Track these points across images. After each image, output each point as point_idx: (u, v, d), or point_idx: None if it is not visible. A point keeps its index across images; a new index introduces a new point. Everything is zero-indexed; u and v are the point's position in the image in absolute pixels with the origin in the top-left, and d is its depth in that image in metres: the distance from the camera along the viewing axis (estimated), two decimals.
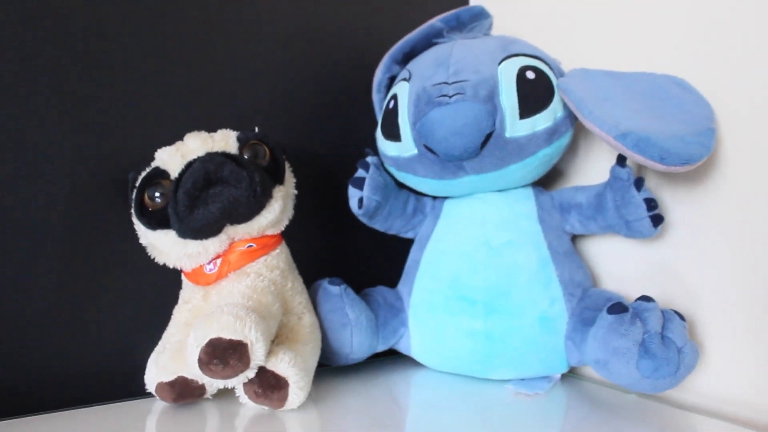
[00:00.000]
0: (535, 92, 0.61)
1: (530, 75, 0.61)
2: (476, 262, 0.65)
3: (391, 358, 0.77)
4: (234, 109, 0.72)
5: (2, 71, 0.59)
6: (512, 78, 0.60)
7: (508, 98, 0.60)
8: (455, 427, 0.53)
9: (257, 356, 0.51)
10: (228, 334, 0.49)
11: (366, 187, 0.68)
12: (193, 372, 0.51)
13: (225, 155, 0.58)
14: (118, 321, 0.65)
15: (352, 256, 0.82)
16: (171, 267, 0.61)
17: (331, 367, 0.68)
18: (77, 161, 0.63)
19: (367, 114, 0.79)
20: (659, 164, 0.53)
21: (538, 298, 0.63)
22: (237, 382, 0.53)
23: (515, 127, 0.61)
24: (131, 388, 0.63)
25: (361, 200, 0.69)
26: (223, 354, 0.49)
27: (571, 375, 0.71)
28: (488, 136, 0.60)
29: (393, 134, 0.66)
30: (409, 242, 0.76)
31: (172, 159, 0.59)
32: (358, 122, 0.81)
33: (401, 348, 0.71)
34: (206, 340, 0.49)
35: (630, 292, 0.66)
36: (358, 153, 0.78)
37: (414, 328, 0.69)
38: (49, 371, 0.61)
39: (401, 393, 0.65)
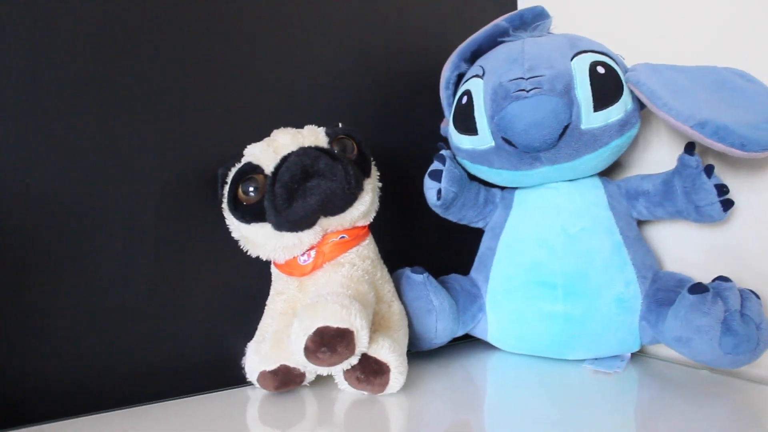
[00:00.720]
0: (606, 86, 0.62)
1: (601, 70, 0.62)
2: (555, 248, 0.66)
3: (465, 342, 0.78)
4: (309, 107, 0.73)
5: (90, 72, 0.60)
6: (585, 73, 0.61)
7: (583, 91, 0.61)
8: (535, 406, 0.54)
9: (362, 343, 0.52)
10: (335, 323, 0.49)
11: (444, 178, 0.68)
12: (297, 360, 0.52)
13: (319, 149, 0.58)
14: (209, 313, 0.66)
15: (421, 246, 0.82)
16: (264, 259, 0.62)
17: (410, 352, 0.67)
18: (165, 160, 0.64)
19: (429, 110, 0.80)
20: (739, 151, 0.55)
21: (614, 280, 0.64)
22: (340, 369, 0.54)
23: (590, 119, 0.62)
24: (222, 378, 0.64)
25: (439, 191, 0.69)
26: (331, 342, 0.49)
27: (640, 354, 0.72)
28: (565, 128, 0.61)
29: (468, 128, 0.67)
30: (473, 232, 0.78)
31: (264, 154, 0.59)
32: (422, 119, 0.82)
33: (477, 333, 0.72)
34: (314, 329, 0.49)
35: (694, 275, 0.67)
36: (423, 148, 0.78)
37: (491, 312, 0.70)
38: (145, 363, 0.61)
39: (479, 376, 0.66)
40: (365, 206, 0.62)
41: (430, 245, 0.83)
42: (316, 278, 0.60)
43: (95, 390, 0.59)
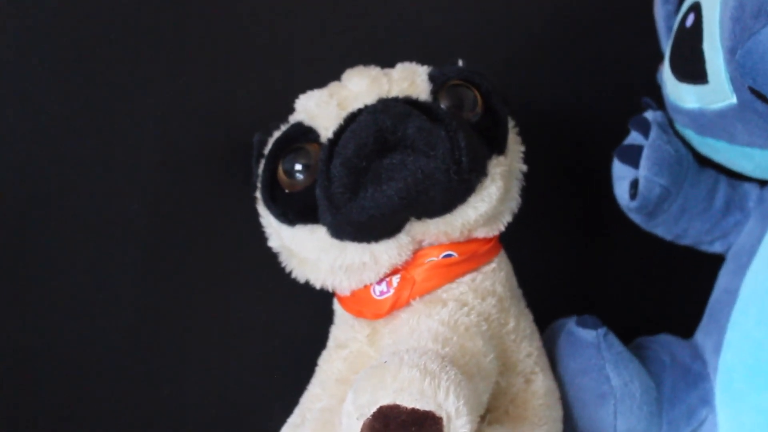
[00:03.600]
0: None
1: None
2: None
3: None
4: (415, 35, 0.72)
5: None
6: None
7: None
8: None
9: None
10: (410, 400, 0.46)
11: (645, 161, 0.65)
12: None
13: (409, 102, 0.55)
14: (226, 371, 0.67)
15: (604, 277, 0.80)
16: (319, 286, 0.59)
17: None
18: (169, 118, 0.64)
19: (633, 41, 0.76)
20: None
21: None
22: None
23: None
24: None
25: (635, 184, 0.65)
26: None
27: None
28: None
29: (692, 72, 0.62)
30: (700, 260, 0.72)
31: (323, 110, 0.57)
32: (616, 56, 0.78)
33: None
34: (375, 408, 0.46)
35: None
36: (611, 107, 0.74)
37: (727, 409, 0.64)
38: None
39: None
40: (489, 204, 0.57)
41: (613, 279, 0.81)
42: (397, 324, 0.57)
43: None
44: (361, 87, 0.57)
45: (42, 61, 0.61)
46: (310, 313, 0.65)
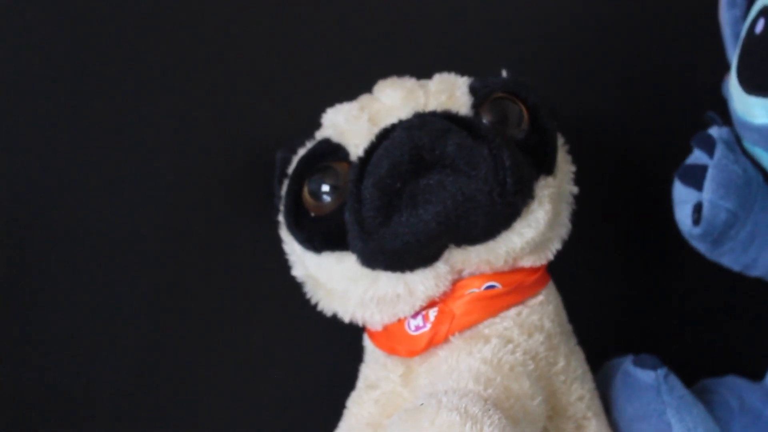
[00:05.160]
0: None
1: None
2: None
3: None
4: (455, 42, 0.72)
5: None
6: None
7: None
8: None
9: None
10: None
11: (710, 183, 0.64)
12: None
13: (448, 117, 0.55)
14: (243, 414, 0.67)
15: (664, 312, 0.80)
16: (348, 320, 0.59)
17: None
18: (183, 132, 0.65)
19: (696, 50, 0.76)
20: None
21: None
22: None
23: None
24: None
25: (698, 209, 0.64)
26: None
27: None
28: None
29: (763, 83, 0.61)
30: None
31: (353, 125, 0.57)
32: (676, 67, 0.78)
33: None
34: None
35: None
36: (677, 124, 0.73)
37: None
38: None
39: None
40: (536, 230, 0.57)
41: (674, 314, 0.80)
42: (435, 362, 0.56)
43: None
44: (394, 100, 0.57)
45: (52, 68, 0.62)
46: (337, 350, 0.65)
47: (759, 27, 0.62)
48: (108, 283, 0.63)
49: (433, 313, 0.57)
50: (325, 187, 0.56)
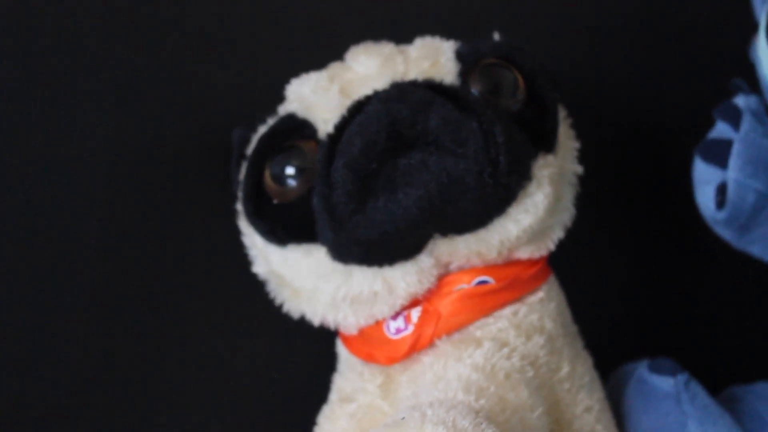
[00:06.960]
0: None
1: None
2: None
3: None
4: (435, 3, 0.72)
5: None
6: None
7: None
8: None
9: None
10: None
11: (735, 160, 0.64)
12: None
13: (431, 87, 0.55)
14: (202, 427, 0.68)
15: (683, 310, 0.81)
16: (317, 323, 0.59)
17: None
18: (124, 107, 0.65)
19: (719, 8, 0.77)
20: None
21: None
22: None
23: None
24: None
25: (723, 190, 0.64)
26: None
27: None
28: None
29: None
30: None
31: (321, 97, 0.57)
32: (697, 27, 0.79)
33: None
34: None
35: None
36: (697, 92, 0.74)
37: None
38: None
39: None
40: (535, 216, 0.56)
41: (695, 313, 0.81)
42: (418, 370, 0.56)
43: None
44: (369, 68, 0.57)
45: None
46: (306, 358, 0.66)
47: None
48: (43, 282, 0.63)
49: (416, 313, 0.56)
50: (290, 170, 0.55)
